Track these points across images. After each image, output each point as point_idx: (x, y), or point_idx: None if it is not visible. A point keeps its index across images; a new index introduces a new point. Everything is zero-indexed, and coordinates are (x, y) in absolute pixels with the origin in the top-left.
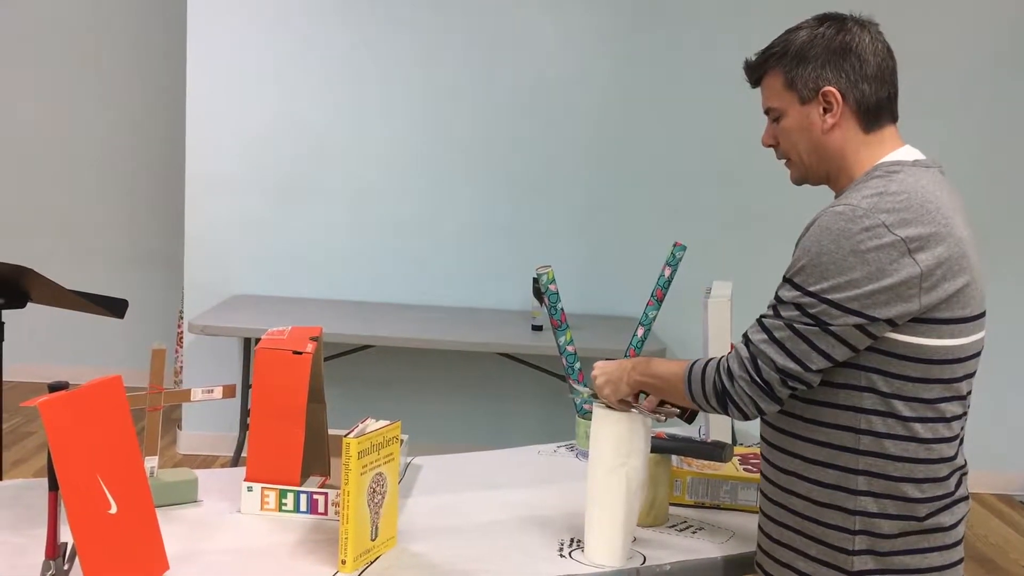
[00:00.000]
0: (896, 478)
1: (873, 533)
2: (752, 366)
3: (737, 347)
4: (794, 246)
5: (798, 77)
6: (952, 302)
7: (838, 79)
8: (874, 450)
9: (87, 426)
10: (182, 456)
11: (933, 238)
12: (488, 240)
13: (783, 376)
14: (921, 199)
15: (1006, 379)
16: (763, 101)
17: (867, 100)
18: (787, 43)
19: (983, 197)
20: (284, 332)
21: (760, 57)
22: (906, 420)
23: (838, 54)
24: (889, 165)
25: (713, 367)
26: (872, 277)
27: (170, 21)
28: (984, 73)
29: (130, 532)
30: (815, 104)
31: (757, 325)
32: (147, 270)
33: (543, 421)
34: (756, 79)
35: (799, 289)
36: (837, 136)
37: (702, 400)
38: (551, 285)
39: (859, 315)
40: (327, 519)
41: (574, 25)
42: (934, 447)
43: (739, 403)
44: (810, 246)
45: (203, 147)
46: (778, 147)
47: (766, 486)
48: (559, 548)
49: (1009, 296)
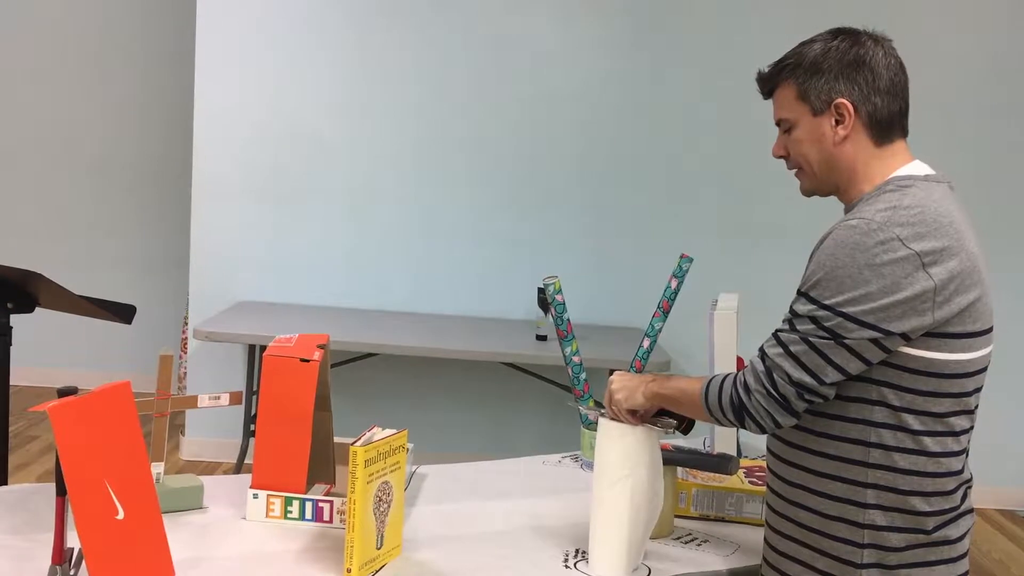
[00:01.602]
0: (905, 491)
1: (881, 546)
2: (768, 380)
3: (753, 361)
4: (807, 259)
5: (811, 89)
6: (964, 316)
7: (851, 91)
8: (884, 463)
9: (96, 431)
10: (185, 462)
11: (946, 252)
12: (494, 249)
13: (799, 389)
14: (935, 213)
15: (1010, 394)
16: (775, 112)
17: (879, 113)
18: (801, 55)
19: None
20: (292, 339)
21: (774, 68)
22: (916, 434)
23: (852, 67)
24: (901, 179)
25: (730, 382)
26: (887, 291)
27: (179, 25)
28: (980, 83)
29: (137, 538)
30: (827, 116)
31: (773, 339)
32: (152, 275)
33: (547, 431)
34: (769, 90)
35: (815, 303)
36: (848, 148)
37: (719, 414)
38: (558, 295)
39: (874, 328)
40: (332, 527)
41: (582, 34)
42: (943, 461)
43: (756, 417)
44: (825, 260)
45: (210, 152)
46: (789, 158)
47: (773, 499)
48: (564, 559)
49: (1013, 310)
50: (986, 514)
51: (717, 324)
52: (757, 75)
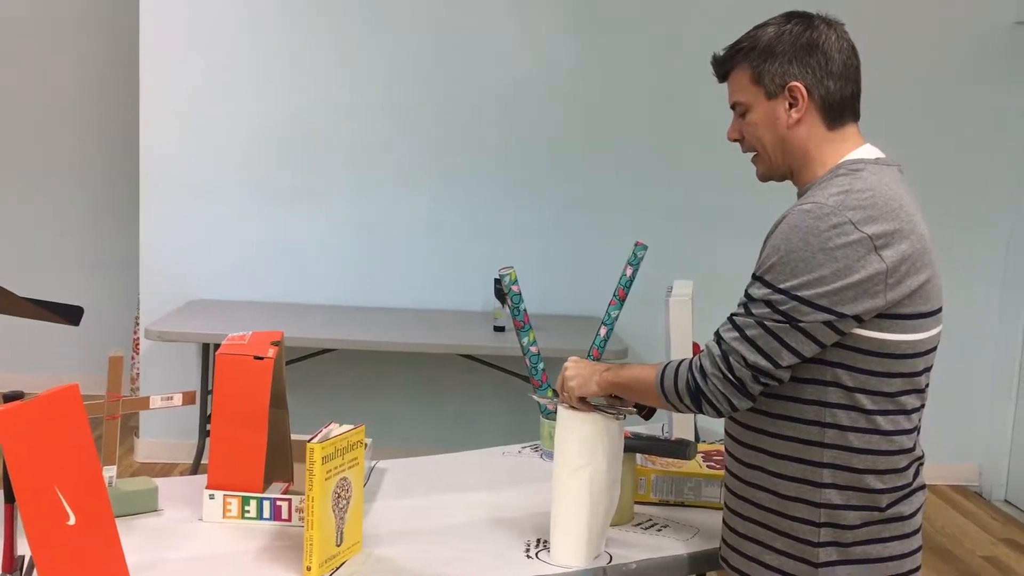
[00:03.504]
0: (859, 470)
1: (838, 525)
2: (724, 363)
3: (709, 345)
4: (761, 244)
5: (765, 72)
6: (915, 297)
7: (804, 75)
8: (838, 443)
9: (44, 436)
10: (140, 464)
11: (897, 235)
12: (449, 241)
13: (754, 372)
14: (885, 197)
15: (960, 374)
16: (730, 96)
17: (831, 97)
18: (755, 39)
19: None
20: (245, 337)
21: (728, 52)
22: (869, 413)
23: (805, 50)
24: (852, 163)
25: (686, 367)
26: (840, 274)
27: (123, 20)
28: (944, 76)
29: (89, 543)
30: (781, 99)
31: (728, 323)
32: (100, 274)
33: (507, 422)
34: (723, 73)
35: (769, 287)
36: (802, 131)
37: (675, 399)
38: (513, 286)
39: (828, 311)
40: (291, 525)
41: (539, 23)
42: (895, 439)
43: (713, 400)
44: (779, 244)
45: (157, 147)
46: (743, 141)
47: (732, 481)
48: (525, 549)
49: (964, 292)
50: (939, 490)
51: (672, 311)
52: (712, 58)
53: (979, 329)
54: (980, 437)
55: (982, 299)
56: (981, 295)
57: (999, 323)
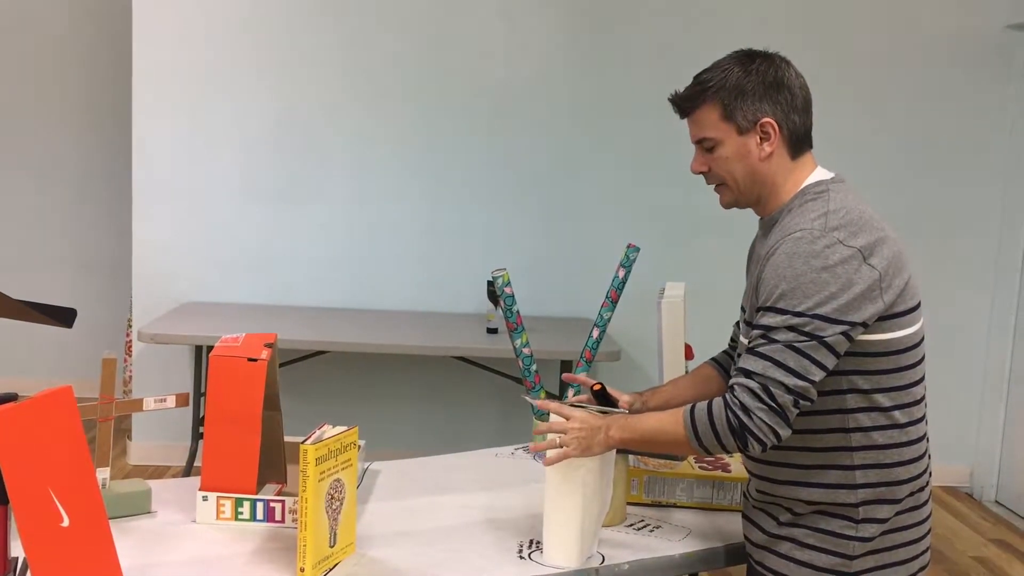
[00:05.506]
0: (888, 465)
1: (873, 520)
2: (766, 394)
3: (737, 384)
4: (745, 272)
5: (737, 109)
6: (904, 295)
7: (775, 111)
8: (865, 444)
9: (37, 438)
10: (133, 467)
11: (879, 243)
12: (442, 243)
13: (795, 396)
14: (857, 211)
15: (951, 376)
16: (695, 132)
17: (797, 130)
18: (723, 78)
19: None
20: (238, 339)
21: (694, 90)
22: (887, 410)
23: (773, 88)
24: (814, 187)
25: (719, 408)
26: (845, 288)
27: (116, 25)
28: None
29: (83, 545)
30: (752, 134)
31: (753, 357)
32: (93, 277)
33: (500, 424)
34: (687, 110)
35: (787, 313)
36: (772, 163)
37: (713, 442)
38: (506, 288)
39: (843, 323)
40: (284, 527)
41: (531, 28)
42: (911, 429)
43: (759, 435)
44: (784, 272)
45: (150, 150)
46: (709, 173)
47: (763, 485)
48: (518, 550)
49: (955, 294)
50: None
51: (664, 313)
52: (674, 96)
53: (970, 331)
54: (971, 438)
55: (973, 302)
56: (972, 298)
57: (989, 325)
